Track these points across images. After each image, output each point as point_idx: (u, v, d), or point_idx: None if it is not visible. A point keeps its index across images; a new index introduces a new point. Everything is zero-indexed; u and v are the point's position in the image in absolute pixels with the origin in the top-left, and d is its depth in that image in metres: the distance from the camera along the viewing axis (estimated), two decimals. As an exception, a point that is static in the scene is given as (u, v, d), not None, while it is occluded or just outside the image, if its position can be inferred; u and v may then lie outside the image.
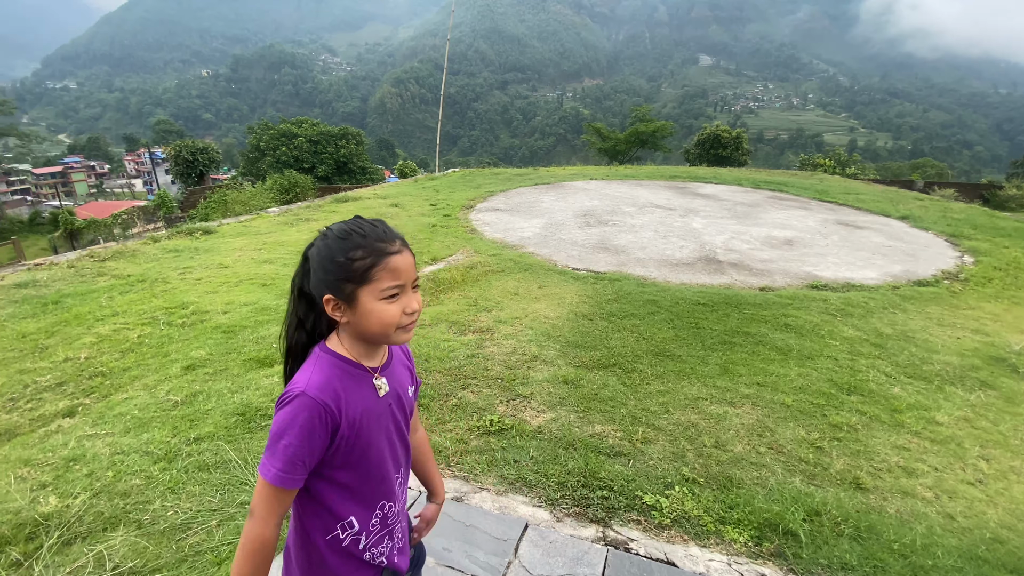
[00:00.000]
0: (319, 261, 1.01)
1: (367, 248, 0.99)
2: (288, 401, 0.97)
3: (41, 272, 6.33)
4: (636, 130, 28.78)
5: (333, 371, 1.02)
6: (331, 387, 1.00)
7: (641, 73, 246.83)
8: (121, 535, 2.22)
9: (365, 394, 1.06)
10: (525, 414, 3.24)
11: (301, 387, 0.97)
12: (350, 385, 1.03)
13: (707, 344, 4.23)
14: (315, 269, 1.01)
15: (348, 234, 1.00)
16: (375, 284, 0.98)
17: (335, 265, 0.98)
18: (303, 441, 0.95)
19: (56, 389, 3.65)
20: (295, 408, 0.96)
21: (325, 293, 1.00)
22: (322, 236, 1.03)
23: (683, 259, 6.60)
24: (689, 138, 34.77)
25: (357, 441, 1.04)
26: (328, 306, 1.01)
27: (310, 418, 0.96)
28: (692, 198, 10.70)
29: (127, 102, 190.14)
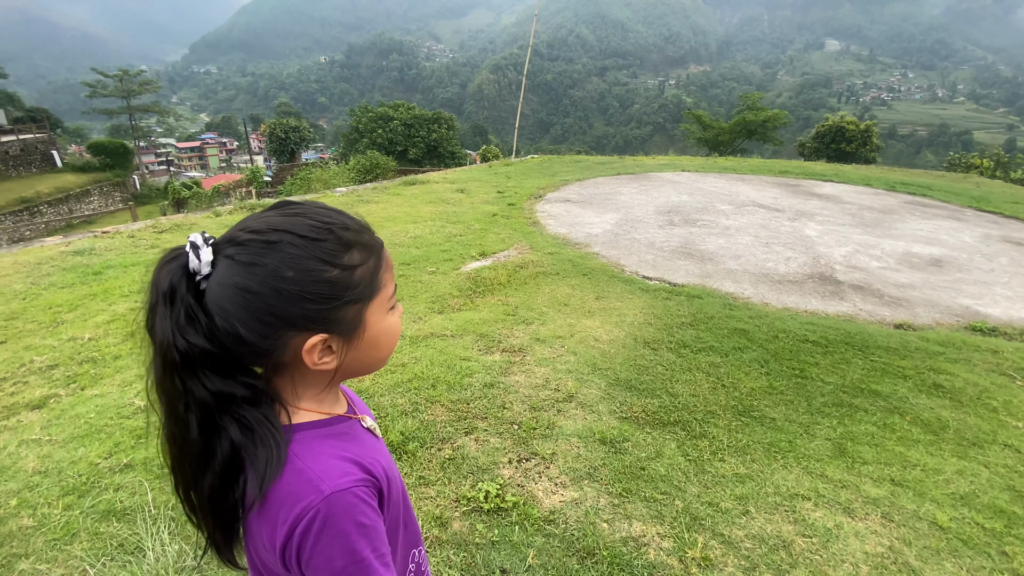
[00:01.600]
0: (285, 288, 0.61)
1: (362, 245, 0.67)
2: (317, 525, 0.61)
3: (103, 240, 6.38)
4: (743, 119, 25.97)
5: (323, 445, 0.68)
6: (341, 461, 0.66)
7: (755, 59, 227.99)
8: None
9: (367, 444, 0.75)
10: (538, 486, 2.35)
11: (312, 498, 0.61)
12: (349, 445, 0.70)
13: (815, 404, 3.05)
14: (272, 303, 0.61)
15: (326, 230, 0.64)
16: (383, 293, 0.70)
17: (325, 285, 0.63)
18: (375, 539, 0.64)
19: (44, 373, 3.34)
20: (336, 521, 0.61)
21: (300, 335, 0.64)
22: (266, 245, 0.62)
23: (789, 275, 5.25)
24: (806, 130, 31.06)
25: (391, 496, 0.73)
26: (311, 354, 0.65)
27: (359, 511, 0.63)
28: (806, 198, 8.98)
29: (256, 85, 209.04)
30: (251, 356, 0.64)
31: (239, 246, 0.62)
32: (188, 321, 0.61)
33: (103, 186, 28.27)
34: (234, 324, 0.61)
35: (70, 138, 51.64)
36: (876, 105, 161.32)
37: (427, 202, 8.18)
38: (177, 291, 0.62)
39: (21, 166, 26.08)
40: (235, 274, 0.61)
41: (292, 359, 0.66)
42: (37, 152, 27.31)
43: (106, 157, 29.40)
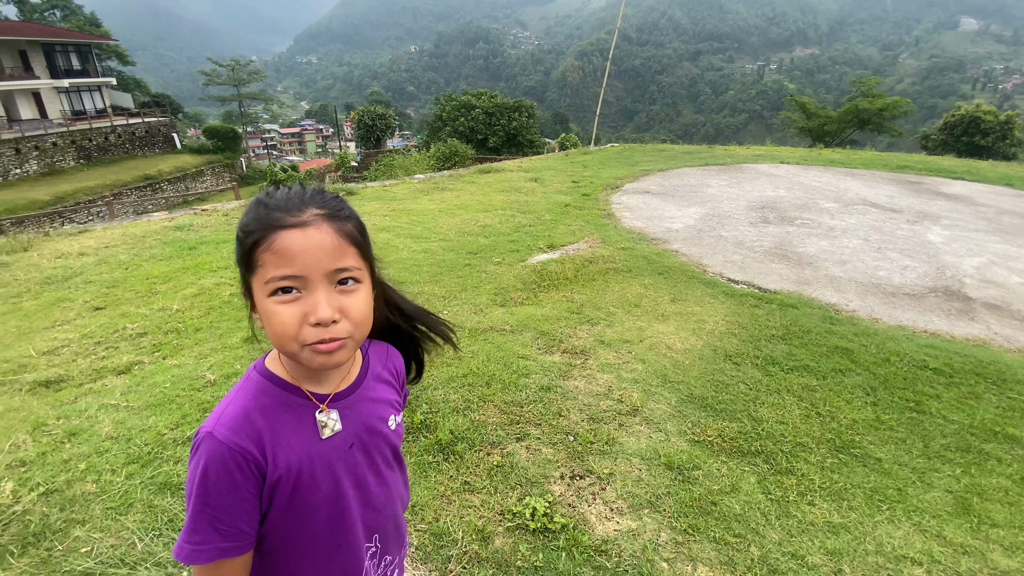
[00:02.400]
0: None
1: (258, 219, 0.70)
2: (194, 448, 0.72)
3: (201, 217, 6.86)
4: (855, 106, 23.40)
5: (258, 399, 0.75)
6: (249, 424, 0.73)
7: (873, 40, 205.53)
8: (15, 570, 1.74)
9: (304, 434, 0.76)
10: (591, 509, 2.12)
11: (209, 427, 0.72)
12: (283, 419, 0.75)
13: (933, 447, 2.55)
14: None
15: (258, 201, 0.72)
16: (260, 272, 0.69)
17: (237, 239, 0.73)
18: (219, 498, 0.70)
19: (134, 340, 3.58)
20: (201, 457, 0.71)
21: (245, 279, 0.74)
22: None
23: (905, 286, 4.55)
24: (930, 121, 27.55)
25: (295, 500, 0.75)
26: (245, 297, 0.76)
27: (223, 468, 0.70)
28: (930, 198, 7.84)
29: (351, 75, 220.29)
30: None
31: None
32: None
33: (215, 167, 31.02)
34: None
35: (189, 122, 57.26)
36: (1019, 93, 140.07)
37: (500, 191, 8.05)
38: None
39: (146, 146, 29.23)
40: None
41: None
42: (160, 134, 30.46)
43: (218, 140, 32.22)
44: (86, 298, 4.11)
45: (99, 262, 4.92)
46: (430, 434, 2.51)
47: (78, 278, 4.51)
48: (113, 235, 5.73)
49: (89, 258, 5.02)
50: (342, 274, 0.71)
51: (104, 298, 4.14)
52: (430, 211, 6.88)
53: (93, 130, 26.34)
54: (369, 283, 0.76)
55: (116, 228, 6.08)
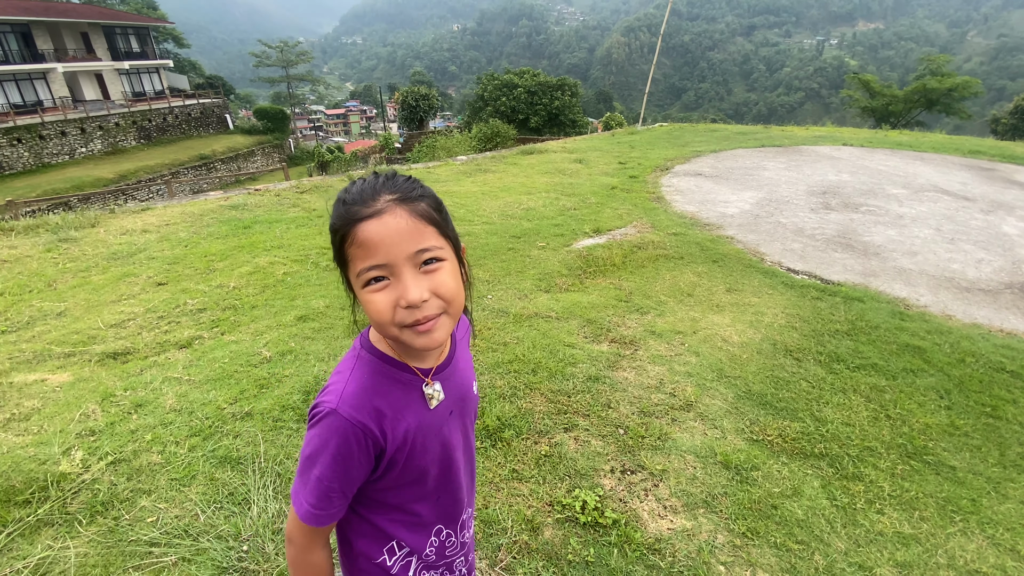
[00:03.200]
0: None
1: (341, 215, 0.72)
2: (317, 420, 0.77)
3: (254, 197, 7.06)
4: (923, 85, 21.75)
5: (373, 378, 0.80)
6: (369, 402, 0.78)
7: (941, 16, 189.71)
8: (83, 538, 1.84)
9: (415, 406, 0.83)
10: (643, 505, 2.07)
11: (332, 403, 0.76)
12: (396, 395, 0.81)
13: (1010, 456, 2.36)
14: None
15: (339, 199, 0.74)
16: (352, 266, 0.73)
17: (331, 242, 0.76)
18: (338, 472, 0.77)
19: (194, 315, 3.72)
20: (325, 431, 0.76)
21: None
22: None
23: (980, 281, 4.21)
24: (999, 104, 25.35)
25: (409, 464, 0.83)
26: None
27: (345, 444, 0.75)
28: (1004, 187, 7.22)
29: (395, 55, 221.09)
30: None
31: None
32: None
33: (265, 147, 31.99)
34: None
35: (240, 103, 59.03)
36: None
37: (543, 172, 7.91)
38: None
39: (201, 127, 30.38)
40: None
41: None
42: (213, 115, 31.57)
43: (268, 121, 33.12)
44: (149, 273, 4.30)
45: (161, 239, 5.13)
46: (478, 419, 2.50)
47: (142, 254, 4.73)
48: (173, 213, 5.98)
49: (151, 235, 5.25)
50: (424, 255, 0.72)
51: (166, 274, 4.33)
52: (473, 193, 6.84)
53: (152, 111, 27.53)
54: (454, 258, 0.77)
55: (175, 206, 6.33)
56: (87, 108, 25.03)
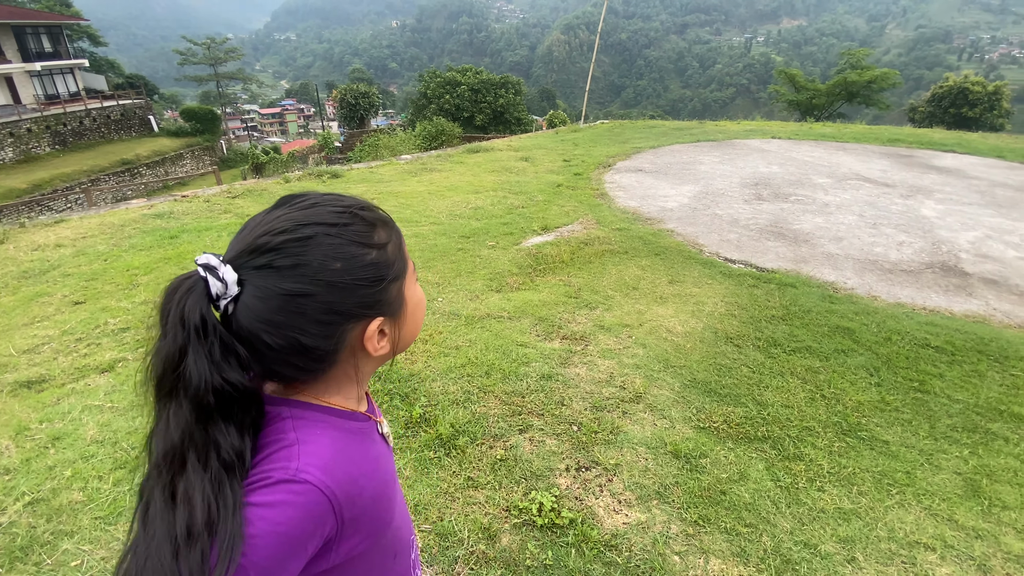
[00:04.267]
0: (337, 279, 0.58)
1: (382, 222, 0.65)
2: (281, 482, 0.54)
3: (181, 204, 6.63)
4: (844, 79, 23.24)
5: (331, 434, 0.61)
6: (344, 468, 0.59)
7: (861, 11, 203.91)
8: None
9: (376, 457, 0.67)
10: (599, 502, 2.08)
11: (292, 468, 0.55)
12: (362, 452, 0.64)
13: (940, 428, 2.53)
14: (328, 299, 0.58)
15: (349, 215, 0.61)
16: (410, 264, 0.68)
17: (370, 268, 0.61)
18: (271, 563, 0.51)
19: (116, 335, 3.44)
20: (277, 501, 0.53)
21: (357, 325, 0.61)
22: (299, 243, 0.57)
23: (902, 262, 4.53)
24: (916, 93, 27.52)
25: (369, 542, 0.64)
26: (372, 340, 0.63)
27: (301, 522, 0.54)
28: (922, 172, 7.82)
29: (332, 52, 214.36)
30: (307, 365, 0.60)
31: (272, 252, 0.56)
32: (224, 356, 0.55)
33: (194, 150, 30.18)
34: (291, 335, 0.57)
35: (165, 104, 55.52)
36: (1005, 63, 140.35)
37: (490, 171, 7.88)
38: (207, 323, 0.54)
39: (122, 130, 28.27)
40: (279, 281, 0.56)
41: (346, 355, 0.63)
42: (136, 117, 29.48)
43: (196, 123, 31.26)
44: (65, 292, 3.95)
45: (77, 253, 4.73)
46: (430, 428, 2.44)
47: (56, 271, 4.34)
48: (90, 224, 5.52)
49: (66, 250, 4.83)
50: None
51: (84, 292, 3.98)
52: (419, 193, 6.72)
53: (67, 114, 25.40)
54: None
55: (93, 217, 5.85)
56: (-7, 113, 22.81)
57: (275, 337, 0.56)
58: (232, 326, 0.56)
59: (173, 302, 0.55)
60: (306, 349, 0.58)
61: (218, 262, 0.56)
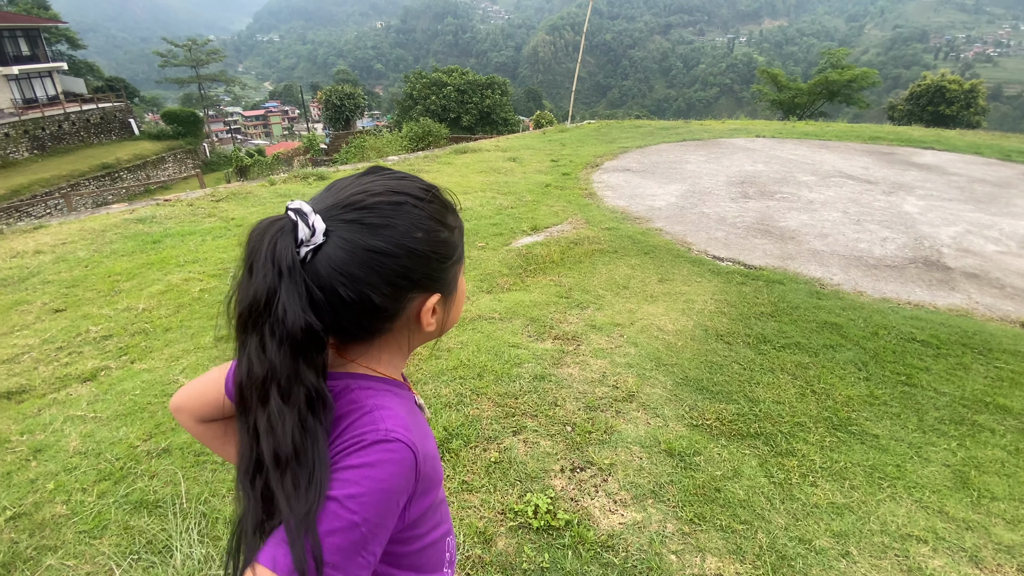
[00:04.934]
0: (417, 248, 0.60)
1: (453, 209, 0.68)
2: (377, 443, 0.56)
3: (164, 208, 6.51)
4: (825, 78, 23.61)
5: (392, 399, 0.64)
6: (415, 428, 0.62)
7: (840, 11, 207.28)
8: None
9: (426, 424, 0.72)
10: (594, 502, 2.07)
11: (383, 429, 0.57)
12: (417, 415, 0.69)
13: (927, 420, 2.57)
14: (404, 264, 0.60)
15: (431, 194, 0.64)
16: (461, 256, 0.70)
17: (444, 246, 0.64)
18: (378, 518, 0.54)
19: (98, 343, 3.36)
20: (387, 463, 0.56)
21: (420, 296, 0.63)
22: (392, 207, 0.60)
23: (886, 258, 4.60)
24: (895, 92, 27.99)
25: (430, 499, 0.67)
26: (427, 314, 0.65)
27: (401, 477, 0.57)
28: (903, 169, 7.95)
29: (316, 53, 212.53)
30: (376, 322, 0.62)
31: (365, 210, 0.58)
32: (309, 294, 0.57)
33: (176, 153, 29.73)
34: (365, 291, 0.58)
35: (146, 107, 54.60)
36: (980, 62, 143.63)
37: (478, 172, 7.86)
38: (297, 264, 0.56)
39: (102, 134, 27.77)
40: (367, 237, 0.57)
41: (402, 323, 0.64)
42: (116, 120, 28.95)
43: (178, 125, 30.80)
44: (45, 300, 3.85)
45: (57, 260, 4.62)
46: (423, 432, 2.41)
47: (35, 278, 4.23)
48: (70, 230, 5.39)
49: (46, 256, 4.71)
50: None
51: (64, 299, 3.89)
52: (407, 195, 6.67)
53: (46, 118, 24.89)
54: None
55: (73, 223, 5.72)
56: (-34, 117, 22.27)
57: (349, 290, 0.57)
58: (308, 274, 0.57)
59: (264, 242, 0.56)
60: (374, 307, 0.59)
61: (309, 209, 0.57)
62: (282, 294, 0.55)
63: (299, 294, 0.55)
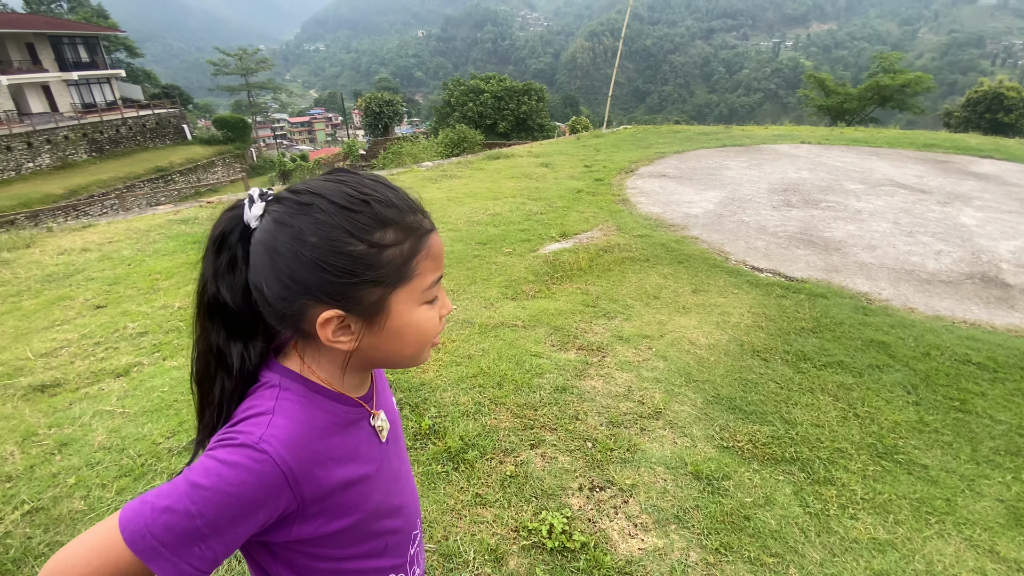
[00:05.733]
0: (305, 253, 0.58)
1: (402, 226, 0.62)
2: (241, 446, 0.57)
3: (206, 210, 6.75)
4: (876, 83, 22.58)
5: (310, 414, 0.64)
6: (313, 448, 0.62)
7: (892, 15, 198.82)
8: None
9: (356, 445, 0.69)
10: (613, 524, 1.96)
11: (256, 436, 0.58)
12: (341, 439, 0.67)
13: (982, 451, 2.34)
14: (291, 267, 0.59)
15: (362, 202, 0.60)
16: (416, 282, 0.63)
17: (346, 259, 0.59)
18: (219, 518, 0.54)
19: (134, 339, 3.47)
20: (235, 463, 0.56)
21: (317, 306, 0.60)
22: (298, 207, 0.59)
23: (940, 273, 4.29)
24: (951, 98, 26.62)
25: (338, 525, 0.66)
26: (326, 328, 0.61)
27: (253, 488, 0.56)
28: (959, 178, 7.47)
29: (359, 62, 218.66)
30: (274, 318, 0.63)
31: (279, 203, 0.60)
32: (229, 269, 0.63)
33: (225, 157, 31.02)
34: (260, 280, 0.60)
35: (199, 113, 57.27)
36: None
37: (509, 177, 7.82)
38: (228, 239, 0.62)
39: (157, 138, 29.28)
40: (267, 231, 0.59)
41: (312, 330, 0.62)
42: (170, 126, 30.49)
43: (228, 131, 32.17)
44: (87, 296, 4.01)
45: (102, 258, 4.82)
46: (439, 440, 2.36)
47: (80, 275, 4.42)
48: (117, 230, 5.64)
49: (92, 254, 4.93)
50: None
51: (106, 296, 4.04)
52: (438, 200, 6.69)
53: (104, 123, 26.40)
54: None
55: (120, 222, 5.99)
56: (34, 121, 23.82)
57: (253, 275, 0.61)
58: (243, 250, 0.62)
59: (220, 215, 0.64)
60: (268, 300, 0.61)
61: (258, 196, 0.62)
62: (205, 258, 0.63)
63: (217, 262, 0.63)
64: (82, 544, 0.54)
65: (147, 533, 0.52)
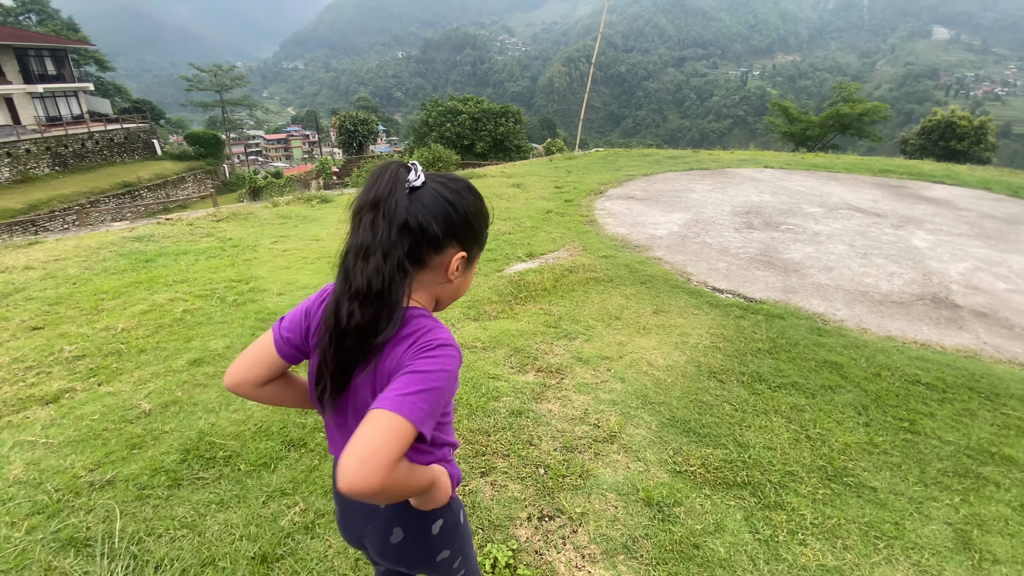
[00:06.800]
0: (475, 216, 0.95)
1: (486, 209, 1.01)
2: (438, 346, 0.85)
3: (164, 227, 6.54)
4: (836, 111, 23.60)
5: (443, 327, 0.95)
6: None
7: (851, 48, 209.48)
8: None
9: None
10: (560, 556, 1.89)
11: (447, 336, 0.88)
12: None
13: (930, 472, 2.36)
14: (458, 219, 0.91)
15: (483, 201, 1.00)
16: (480, 251, 1.02)
17: (483, 226, 0.98)
18: (446, 393, 0.85)
19: (69, 364, 3.28)
20: (449, 357, 0.85)
21: (465, 249, 0.94)
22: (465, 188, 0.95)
23: (893, 294, 4.40)
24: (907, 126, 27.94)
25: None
26: (454, 264, 0.94)
27: (456, 367, 0.87)
28: (912, 202, 7.77)
29: (338, 81, 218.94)
30: (426, 246, 0.89)
31: (449, 180, 0.93)
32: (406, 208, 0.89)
33: (196, 173, 30.43)
34: (430, 220, 0.87)
35: (172, 128, 56.28)
36: (989, 100, 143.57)
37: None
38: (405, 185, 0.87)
39: (125, 153, 28.54)
40: (448, 193, 0.90)
41: (440, 263, 0.92)
42: (140, 140, 29.80)
43: (201, 147, 31.61)
44: (24, 317, 3.80)
45: (45, 276, 4.60)
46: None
47: (19, 294, 4.20)
48: (65, 247, 5.40)
49: (35, 272, 4.70)
50: None
51: (44, 317, 3.84)
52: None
53: (69, 136, 25.66)
54: None
55: (70, 239, 5.74)
56: (-8, 134, 23.03)
57: (422, 216, 0.86)
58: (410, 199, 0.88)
59: (388, 170, 0.85)
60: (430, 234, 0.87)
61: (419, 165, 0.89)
62: (397, 194, 0.83)
63: (404, 200, 0.84)
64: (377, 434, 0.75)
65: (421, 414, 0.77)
